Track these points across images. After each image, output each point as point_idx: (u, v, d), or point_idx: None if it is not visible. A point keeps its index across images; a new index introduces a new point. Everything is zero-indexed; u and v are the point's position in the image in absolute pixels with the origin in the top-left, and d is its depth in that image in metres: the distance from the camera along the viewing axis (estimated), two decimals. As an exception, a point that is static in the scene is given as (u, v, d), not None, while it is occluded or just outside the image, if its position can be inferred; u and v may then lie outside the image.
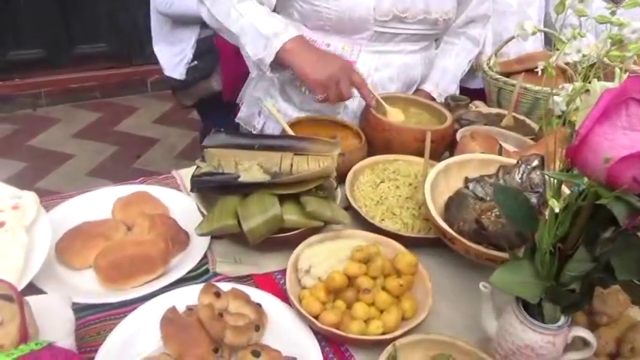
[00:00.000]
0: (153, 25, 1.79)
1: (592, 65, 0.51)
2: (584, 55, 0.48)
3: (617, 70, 0.48)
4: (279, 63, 0.95)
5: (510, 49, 1.30)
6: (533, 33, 0.50)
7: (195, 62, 1.76)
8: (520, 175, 0.81)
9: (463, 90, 1.35)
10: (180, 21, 1.69)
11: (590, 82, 0.51)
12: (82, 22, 3.02)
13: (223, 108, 1.69)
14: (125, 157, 2.65)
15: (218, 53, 1.74)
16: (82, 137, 2.79)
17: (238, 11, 0.95)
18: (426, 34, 1.08)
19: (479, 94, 1.32)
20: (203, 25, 1.63)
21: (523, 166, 0.81)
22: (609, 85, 0.50)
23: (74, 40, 3.07)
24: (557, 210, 0.48)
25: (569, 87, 0.49)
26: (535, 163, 0.80)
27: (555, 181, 0.52)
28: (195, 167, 0.82)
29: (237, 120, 1.17)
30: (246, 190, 0.75)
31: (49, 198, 0.84)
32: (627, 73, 0.50)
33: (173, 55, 1.77)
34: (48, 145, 2.71)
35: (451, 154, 1.03)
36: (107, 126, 2.92)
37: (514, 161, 0.83)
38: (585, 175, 0.47)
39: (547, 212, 0.52)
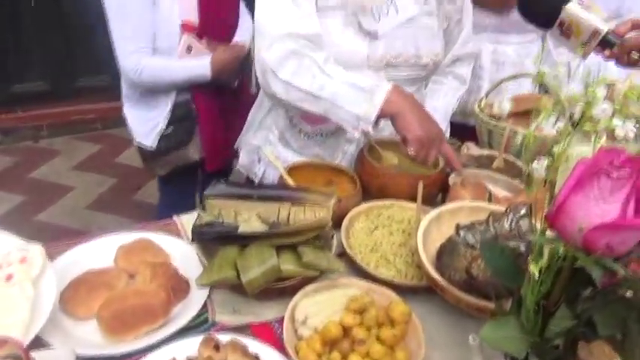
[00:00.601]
0: (123, 88, 1.60)
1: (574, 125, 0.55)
2: (559, 127, 0.51)
3: (592, 139, 0.52)
4: (380, 116, 0.94)
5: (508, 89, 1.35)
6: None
7: (170, 129, 1.55)
8: (509, 223, 0.84)
9: (460, 127, 1.40)
10: (152, 90, 1.52)
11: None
12: (85, 55, 3.08)
13: (195, 178, 1.58)
14: (125, 189, 2.69)
15: (196, 119, 1.56)
16: (82, 169, 2.83)
17: (327, 74, 0.94)
18: (417, 78, 1.13)
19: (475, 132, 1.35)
20: (180, 89, 1.52)
21: (512, 214, 0.84)
22: (585, 150, 0.53)
23: (77, 73, 3.15)
24: (536, 275, 0.50)
25: (543, 161, 0.52)
26: (523, 211, 0.83)
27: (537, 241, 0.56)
28: (196, 216, 0.85)
29: (237, 167, 1.21)
30: (246, 241, 0.78)
31: (52, 244, 0.87)
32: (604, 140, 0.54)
33: (145, 122, 1.56)
34: (48, 177, 2.75)
35: (444, 197, 1.07)
36: (107, 157, 2.96)
37: (503, 209, 0.86)
38: (563, 239, 0.51)
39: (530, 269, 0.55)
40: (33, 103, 3.05)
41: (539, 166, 0.53)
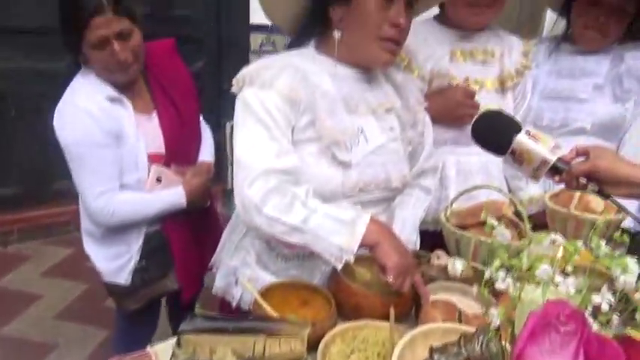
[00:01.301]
0: (84, 224, 1.50)
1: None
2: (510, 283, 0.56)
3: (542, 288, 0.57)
4: (361, 246, 0.98)
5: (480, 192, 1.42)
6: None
7: (143, 263, 1.46)
8: (479, 345, 0.86)
9: (431, 234, 1.45)
10: (123, 226, 1.44)
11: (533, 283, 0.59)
12: (60, 159, 3.11)
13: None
14: (96, 296, 2.60)
15: (170, 248, 1.49)
16: (51, 275, 2.75)
17: (310, 208, 0.98)
18: (387, 199, 1.20)
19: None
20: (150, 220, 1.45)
21: (481, 336, 0.87)
22: (537, 297, 0.58)
23: (54, 176, 3.15)
24: None
25: (496, 316, 0.56)
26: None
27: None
28: (171, 349, 0.85)
29: (213, 291, 1.21)
30: (221, 380, 0.77)
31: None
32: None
33: (113, 259, 1.46)
34: (16, 284, 2.66)
35: (417, 310, 1.09)
36: (79, 261, 2.88)
37: (474, 329, 0.89)
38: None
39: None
40: (5, 208, 3.02)
41: (496, 314, 0.57)
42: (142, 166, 1.42)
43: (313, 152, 1.07)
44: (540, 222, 1.49)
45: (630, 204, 1.38)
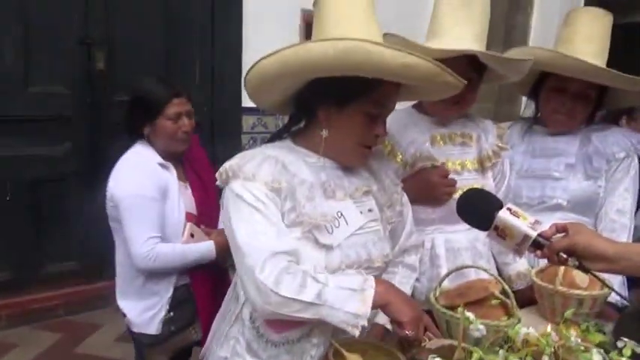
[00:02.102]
0: (119, 281, 1.74)
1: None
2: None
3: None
4: (373, 308, 1.04)
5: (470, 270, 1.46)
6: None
7: (172, 314, 1.69)
8: None
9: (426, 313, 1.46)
10: (158, 274, 1.67)
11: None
12: (54, 243, 3.12)
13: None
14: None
15: (195, 301, 1.72)
16: (39, 363, 2.66)
17: (321, 282, 1.02)
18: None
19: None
20: (180, 273, 1.69)
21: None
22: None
23: (44, 261, 3.13)
24: None
25: None
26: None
27: None
28: None
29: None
30: None
31: None
32: None
33: (145, 310, 1.68)
34: (1, 375, 2.56)
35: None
36: (67, 347, 2.82)
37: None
38: None
39: None
40: (-7, 293, 2.97)
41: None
42: (180, 222, 1.71)
43: (297, 236, 1.11)
44: (528, 297, 1.52)
45: (614, 277, 1.42)
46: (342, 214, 1.16)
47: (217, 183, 1.16)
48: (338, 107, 1.12)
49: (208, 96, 3.40)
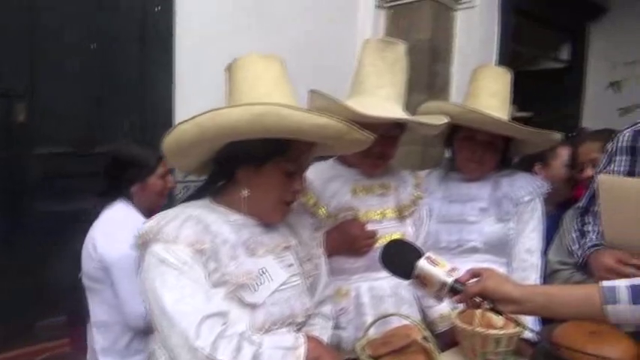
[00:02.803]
0: (101, 340, 1.75)
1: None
2: None
3: None
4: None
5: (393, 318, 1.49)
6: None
7: None
8: None
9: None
10: (147, 333, 1.65)
11: None
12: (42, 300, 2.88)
13: None
14: None
15: None
16: None
17: (255, 343, 1.05)
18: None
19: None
20: None
21: None
22: None
23: (28, 317, 2.87)
24: None
25: None
26: None
27: None
28: None
29: None
30: None
31: None
32: None
33: None
34: None
35: None
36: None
37: None
38: None
39: None
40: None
41: None
42: None
43: (222, 297, 1.10)
44: (451, 339, 1.58)
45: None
46: (265, 271, 1.18)
47: (135, 246, 1.14)
48: (256, 167, 1.16)
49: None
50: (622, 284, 1.03)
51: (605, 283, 1.04)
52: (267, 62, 1.17)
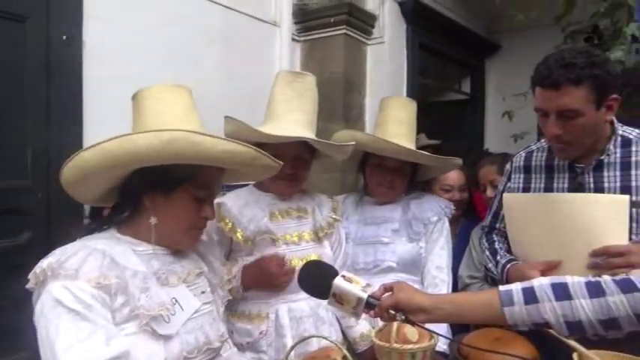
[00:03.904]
0: None
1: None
2: None
3: None
4: None
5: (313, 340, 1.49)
6: None
7: None
8: None
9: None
10: None
11: None
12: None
13: None
14: None
15: None
16: None
17: None
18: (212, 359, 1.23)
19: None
20: None
21: None
22: None
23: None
24: None
25: None
26: None
27: None
28: None
29: None
30: None
31: None
32: None
33: None
34: None
35: None
36: None
37: None
38: None
39: None
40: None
41: None
42: None
43: (133, 331, 1.05)
44: (372, 357, 1.62)
45: (440, 327, 1.59)
46: (176, 301, 1.15)
47: (30, 285, 1.04)
48: (164, 193, 1.14)
49: (44, 179, 3.13)
50: (517, 287, 1.11)
51: (502, 288, 1.12)
52: (175, 92, 1.17)
